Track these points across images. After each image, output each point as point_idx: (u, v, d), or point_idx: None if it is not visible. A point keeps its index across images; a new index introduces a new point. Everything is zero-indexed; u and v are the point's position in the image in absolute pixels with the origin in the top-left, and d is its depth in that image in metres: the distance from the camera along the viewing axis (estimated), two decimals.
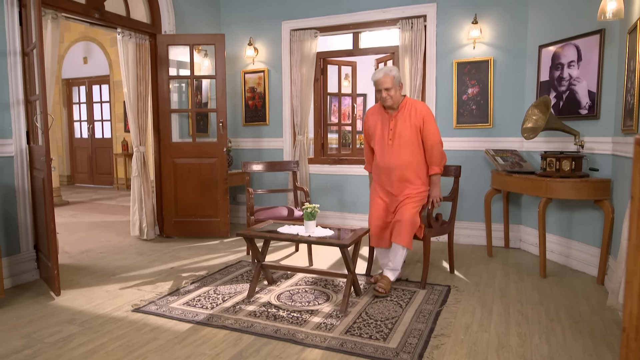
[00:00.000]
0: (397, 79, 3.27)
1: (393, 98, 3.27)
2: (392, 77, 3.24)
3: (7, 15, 3.38)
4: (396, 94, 3.27)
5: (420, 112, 3.28)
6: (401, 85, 3.32)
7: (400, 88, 3.30)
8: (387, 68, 3.28)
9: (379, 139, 3.39)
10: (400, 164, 3.30)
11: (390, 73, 3.24)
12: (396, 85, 3.26)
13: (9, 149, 3.43)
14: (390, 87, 3.24)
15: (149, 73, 4.85)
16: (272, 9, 5.45)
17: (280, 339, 2.53)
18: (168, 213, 4.97)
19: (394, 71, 3.27)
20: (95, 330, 2.66)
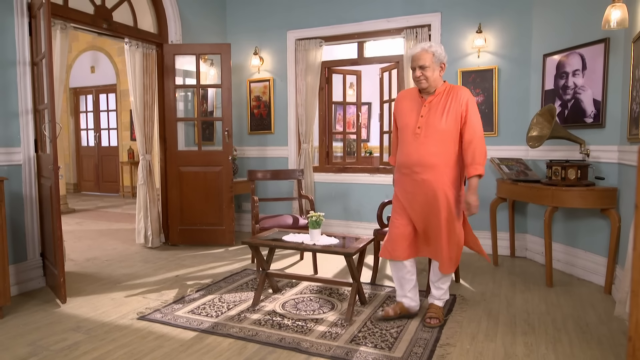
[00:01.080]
0: (439, 57, 2.69)
1: (429, 80, 2.68)
2: (431, 53, 2.67)
3: (17, 26, 3.44)
4: (434, 75, 2.68)
5: (462, 97, 2.68)
6: (443, 66, 2.72)
7: (441, 70, 2.72)
8: (426, 43, 2.73)
9: (405, 127, 2.80)
10: (427, 161, 2.69)
11: (429, 49, 2.68)
12: (435, 65, 2.68)
13: (18, 157, 3.47)
14: (428, 65, 2.66)
15: (155, 82, 4.90)
16: (278, 19, 5.51)
17: (285, 347, 2.52)
18: (173, 221, 4.99)
19: (434, 47, 2.70)
20: (101, 338, 2.67)
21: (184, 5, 5.11)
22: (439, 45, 2.74)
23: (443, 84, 2.76)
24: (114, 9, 4.43)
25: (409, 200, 2.78)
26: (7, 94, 3.40)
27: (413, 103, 2.80)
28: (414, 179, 2.73)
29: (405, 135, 2.78)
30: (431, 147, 2.68)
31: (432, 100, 2.73)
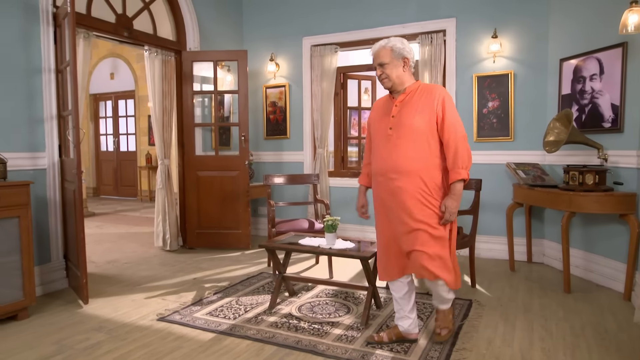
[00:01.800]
0: (398, 51, 2.40)
1: (391, 77, 2.43)
2: (389, 49, 2.40)
3: (42, 35, 3.56)
4: (396, 72, 2.42)
5: (437, 94, 2.40)
6: (406, 61, 2.43)
7: (404, 65, 2.43)
8: (387, 39, 2.46)
9: (377, 132, 2.56)
10: (401, 166, 2.41)
11: (387, 45, 2.42)
12: (396, 61, 2.41)
13: (43, 162, 3.58)
14: (387, 62, 2.41)
15: (174, 88, 5.00)
16: (294, 25, 5.58)
17: (302, 349, 2.56)
18: (191, 225, 5.07)
19: (392, 41, 2.43)
20: (122, 338, 2.73)
21: (201, 13, 5.22)
22: (399, 40, 2.45)
23: (415, 83, 2.49)
24: (134, 17, 4.54)
25: (386, 211, 2.50)
26: (33, 100, 3.51)
27: (385, 107, 2.57)
28: (389, 186, 2.45)
29: (378, 139, 2.54)
30: (406, 150, 2.40)
31: (403, 100, 2.46)
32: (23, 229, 3.02)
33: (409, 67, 2.46)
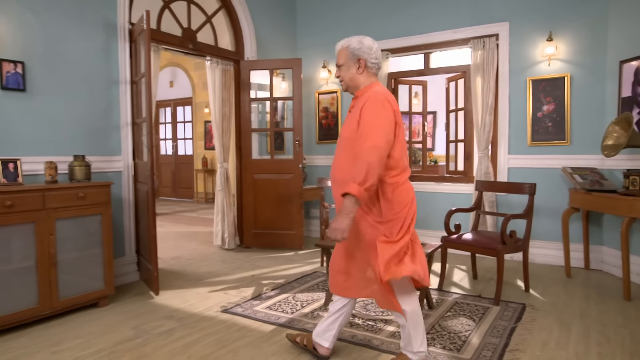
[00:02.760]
0: (352, 51, 2.25)
1: (345, 79, 2.31)
2: (345, 49, 2.28)
3: (120, 50, 3.92)
4: (349, 74, 2.28)
5: (363, 100, 2.18)
6: (361, 62, 2.25)
7: (359, 67, 2.25)
8: (349, 38, 2.30)
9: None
10: (334, 175, 2.30)
11: (344, 44, 2.29)
12: (350, 62, 2.26)
13: (119, 164, 3.93)
14: (342, 63, 2.30)
15: (232, 95, 5.29)
16: (345, 33, 5.69)
17: (357, 344, 2.69)
18: (248, 225, 5.33)
19: (349, 41, 2.28)
20: (191, 326, 2.98)
21: (258, 24, 5.49)
22: (357, 40, 2.27)
23: (367, 86, 2.26)
24: (198, 30, 4.87)
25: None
26: (111, 109, 3.88)
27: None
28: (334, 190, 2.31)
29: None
30: (338, 159, 2.28)
31: (352, 105, 2.30)
32: (104, 225, 3.35)
33: (367, 68, 2.26)
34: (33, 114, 3.34)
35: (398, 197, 2.17)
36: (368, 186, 2.02)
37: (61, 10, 3.50)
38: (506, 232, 3.38)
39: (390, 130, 2.10)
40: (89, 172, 3.40)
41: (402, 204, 2.18)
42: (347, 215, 2.03)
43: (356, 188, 2.00)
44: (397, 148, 2.16)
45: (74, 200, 3.16)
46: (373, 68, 2.28)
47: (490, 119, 4.77)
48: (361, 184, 2.01)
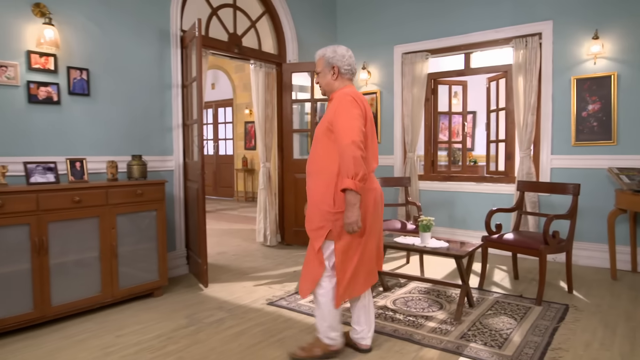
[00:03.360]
0: (328, 59, 2.49)
1: (321, 85, 2.56)
2: (321, 58, 2.52)
3: (172, 56, 4.16)
4: (325, 79, 2.52)
5: (336, 101, 2.40)
6: (335, 69, 2.48)
7: (334, 74, 2.49)
8: (325, 48, 2.55)
9: None
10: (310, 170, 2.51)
11: (321, 53, 2.54)
12: (326, 69, 2.50)
13: (170, 164, 4.17)
14: (319, 70, 2.55)
15: (274, 97, 5.47)
16: (385, 34, 5.82)
17: (399, 337, 2.78)
18: (289, 223, 5.50)
19: (325, 51, 2.52)
20: (240, 316, 3.15)
21: (300, 27, 5.65)
22: (331, 49, 2.51)
23: (340, 90, 2.47)
24: (243, 35, 5.07)
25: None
26: (164, 112, 4.12)
27: None
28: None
29: None
30: (314, 154, 2.48)
31: (327, 106, 2.56)
32: (159, 220, 3.58)
33: (341, 74, 2.49)
34: (96, 116, 3.61)
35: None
36: (361, 177, 2.25)
37: (121, 21, 3.76)
38: (549, 232, 3.38)
39: (362, 124, 2.33)
40: (145, 170, 3.64)
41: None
42: (353, 206, 2.26)
43: (351, 182, 2.23)
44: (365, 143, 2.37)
45: (132, 197, 3.40)
46: (347, 74, 2.52)
47: (532, 118, 4.73)
48: (354, 177, 2.24)
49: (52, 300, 2.98)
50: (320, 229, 2.39)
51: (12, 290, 2.82)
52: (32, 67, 3.22)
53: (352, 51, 2.55)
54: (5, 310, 2.79)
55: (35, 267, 2.89)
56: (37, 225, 2.89)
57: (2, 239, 2.76)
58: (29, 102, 3.23)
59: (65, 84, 3.42)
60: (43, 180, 3.06)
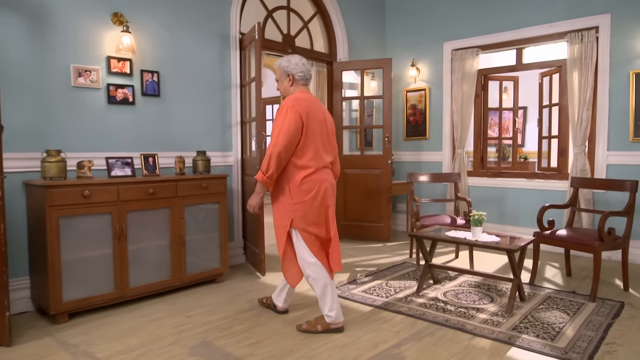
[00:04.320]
0: (284, 69, 2.84)
1: (280, 90, 2.93)
2: (278, 67, 2.88)
3: (232, 57, 4.41)
4: (282, 86, 2.89)
5: (280, 106, 2.74)
6: (290, 77, 2.83)
7: (289, 81, 2.84)
8: (281, 59, 2.90)
9: None
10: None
11: (277, 64, 2.90)
12: (283, 77, 2.86)
13: (230, 159, 4.44)
14: (277, 78, 2.93)
15: (325, 95, 5.65)
16: (434, 32, 5.85)
17: (451, 327, 2.89)
18: (338, 217, 5.65)
19: (281, 61, 2.87)
20: (298, 303, 3.36)
21: (350, 27, 5.79)
22: (285, 59, 2.85)
23: (293, 94, 2.79)
24: (296, 35, 5.27)
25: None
26: (224, 110, 4.38)
27: None
28: None
29: None
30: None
31: None
32: (221, 212, 3.85)
33: (296, 81, 2.84)
34: (165, 115, 3.92)
35: (306, 185, 2.70)
36: (269, 174, 2.65)
37: (188, 26, 4.05)
38: (604, 228, 3.36)
39: (292, 130, 2.62)
40: (208, 165, 3.91)
41: (309, 191, 2.70)
42: (257, 194, 2.82)
43: (260, 176, 2.68)
44: (307, 142, 2.69)
45: (198, 189, 3.67)
46: (300, 80, 2.85)
47: (587, 114, 4.65)
48: (264, 173, 2.66)
49: (129, 282, 3.29)
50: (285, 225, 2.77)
51: (97, 272, 3.15)
52: (111, 71, 3.55)
53: (399, 49, 2.72)
54: (92, 290, 3.12)
55: (116, 252, 3.21)
56: (117, 214, 3.21)
57: (89, 226, 3.10)
58: (109, 103, 3.56)
59: (139, 86, 3.73)
60: (122, 173, 3.38)
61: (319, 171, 2.75)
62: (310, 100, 2.77)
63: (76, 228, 3.04)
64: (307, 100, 2.75)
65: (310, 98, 2.81)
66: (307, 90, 2.88)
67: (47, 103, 3.27)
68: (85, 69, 3.42)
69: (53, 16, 3.27)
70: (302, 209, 2.71)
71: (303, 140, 2.68)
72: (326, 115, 2.90)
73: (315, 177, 2.72)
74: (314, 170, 2.72)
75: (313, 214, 2.71)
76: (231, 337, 2.78)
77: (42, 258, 2.97)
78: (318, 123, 2.76)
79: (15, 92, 3.10)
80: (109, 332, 2.87)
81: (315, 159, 2.73)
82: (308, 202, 2.71)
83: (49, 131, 3.28)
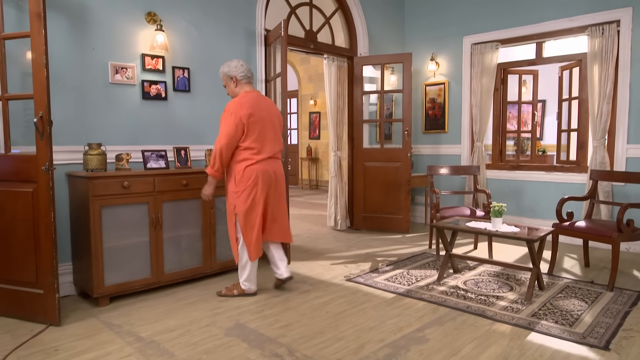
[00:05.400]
0: (226, 74, 3.30)
1: (229, 93, 3.36)
2: (221, 75, 3.34)
3: (258, 54, 4.56)
4: (229, 89, 3.33)
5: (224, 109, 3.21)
6: (233, 79, 3.28)
7: (234, 82, 3.29)
8: (221, 67, 3.35)
9: None
10: None
11: (220, 72, 3.35)
12: (227, 81, 3.31)
13: None
14: (224, 84, 3.36)
15: (345, 89, 5.77)
16: (454, 26, 5.91)
17: (472, 313, 3.01)
18: (358, 209, 5.81)
19: (223, 67, 3.33)
20: (323, 289, 3.52)
21: (370, 22, 5.88)
22: (226, 65, 3.30)
23: (238, 95, 3.26)
24: (318, 31, 5.39)
25: None
26: None
27: None
28: None
29: None
30: None
31: None
32: None
33: (239, 81, 3.28)
34: (195, 110, 4.09)
35: (246, 174, 3.19)
36: (216, 168, 3.18)
37: (216, 23, 4.20)
38: (623, 220, 3.44)
39: (232, 130, 3.11)
40: None
41: (249, 179, 3.19)
42: (210, 185, 3.31)
43: (209, 169, 3.22)
44: (250, 138, 3.16)
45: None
46: (243, 79, 3.29)
47: (607, 107, 4.70)
48: (211, 167, 3.20)
49: (165, 268, 3.48)
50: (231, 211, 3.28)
51: (135, 259, 3.34)
52: (145, 67, 3.73)
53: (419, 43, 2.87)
54: (130, 275, 3.32)
55: (152, 239, 3.40)
56: (154, 204, 3.39)
57: (128, 215, 3.29)
58: (143, 99, 3.75)
59: (170, 82, 3.91)
60: (156, 166, 3.56)
61: (263, 162, 3.24)
62: (254, 100, 3.22)
63: (116, 217, 3.23)
64: (250, 101, 3.19)
65: (254, 97, 3.25)
66: (251, 88, 3.33)
67: (87, 99, 3.46)
68: (122, 66, 3.60)
69: (92, 16, 3.46)
70: (243, 195, 3.20)
71: (246, 137, 3.16)
72: (272, 109, 3.35)
73: (256, 167, 3.21)
74: (255, 161, 3.20)
75: (250, 200, 3.20)
76: (263, 319, 2.95)
77: (85, 245, 3.17)
78: (262, 120, 3.23)
79: (59, 89, 3.29)
80: (148, 314, 3.07)
81: (260, 151, 3.22)
82: (248, 189, 3.19)
83: (89, 125, 3.48)
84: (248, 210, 3.22)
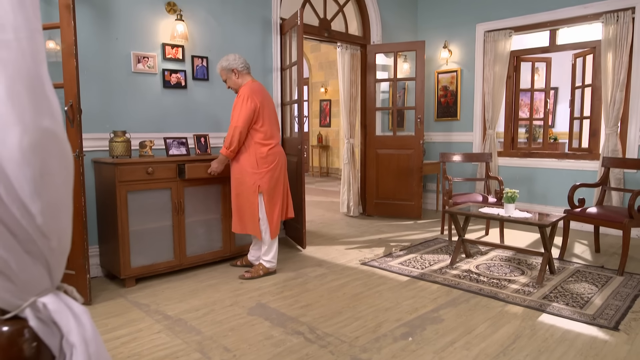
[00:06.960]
0: (225, 68, 3.44)
1: (230, 86, 3.51)
2: (220, 69, 3.47)
3: (273, 42, 4.63)
4: (231, 82, 3.48)
5: (239, 94, 3.39)
6: (235, 71, 3.44)
7: (235, 73, 3.44)
8: (220, 61, 3.48)
9: None
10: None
11: (218, 67, 3.49)
12: (229, 74, 3.45)
13: None
14: (224, 78, 3.50)
15: (358, 77, 5.82)
16: (467, 13, 5.92)
17: (485, 295, 3.12)
18: (370, 195, 5.90)
19: (222, 62, 3.45)
20: (339, 272, 3.63)
21: (383, 10, 5.91)
22: (224, 60, 3.43)
23: (244, 84, 3.43)
24: (332, 19, 5.44)
25: None
26: None
27: None
28: None
29: None
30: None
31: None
32: None
33: (239, 72, 3.45)
34: (213, 98, 4.19)
35: (270, 156, 3.44)
36: (232, 149, 3.38)
37: (233, 12, 4.27)
38: (634, 206, 3.50)
39: (249, 115, 3.32)
40: None
41: (271, 162, 3.44)
42: (222, 162, 3.52)
43: (224, 150, 3.42)
44: (265, 123, 3.41)
45: None
46: (244, 70, 3.47)
47: (621, 95, 4.72)
48: (227, 148, 3.40)
49: (187, 252, 3.62)
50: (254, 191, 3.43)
51: (159, 242, 3.48)
52: (166, 57, 3.82)
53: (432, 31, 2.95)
54: (155, 257, 3.46)
55: (175, 224, 3.53)
56: (176, 190, 3.51)
57: (153, 200, 3.41)
58: (164, 87, 3.85)
59: (190, 71, 4.00)
60: (178, 152, 3.68)
61: (278, 146, 3.54)
62: (262, 89, 3.47)
63: (141, 202, 3.36)
64: (260, 90, 3.43)
65: (261, 87, 3.49)
66: (251, 77, 3.52)
67: (112, 87, 3.57)
68: (144, 55, 3.70)
69: (115, 7, 3.55)
70: (267, 175, 3.43)
71: (262, 122, 3.39)
72: (271, 99, 3.58)
73: (276, 150, 3.50)
74: (274, 144, 3.48)
75: (275, 180, 3.47)
76: (283, 300, 3.08)
77: (112, 228, 3.31)
78: (269, 107, 3.47)
79: (85, 78, 3.39)
80: (173, 294, 3.21)
81: (273, 136, 3.48)
82: (272, 170, 3.45)
83: (113, 113, 3.59)
84: (273, 188, 3.47)
